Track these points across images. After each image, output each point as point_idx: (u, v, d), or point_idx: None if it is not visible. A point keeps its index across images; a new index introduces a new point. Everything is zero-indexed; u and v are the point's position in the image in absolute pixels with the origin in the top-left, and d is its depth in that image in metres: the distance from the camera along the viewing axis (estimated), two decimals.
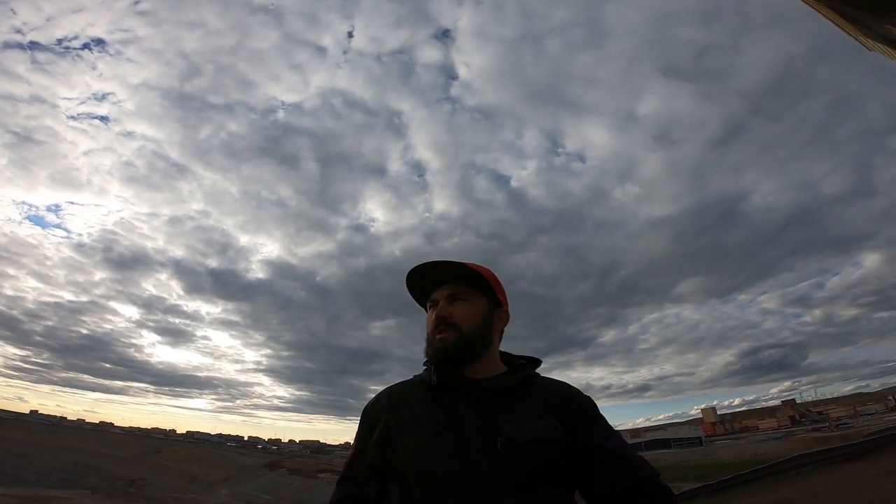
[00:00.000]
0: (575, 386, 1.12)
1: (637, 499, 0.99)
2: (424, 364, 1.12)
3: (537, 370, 1.14)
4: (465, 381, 1.05)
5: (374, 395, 1.16)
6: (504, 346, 1.19)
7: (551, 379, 1.13)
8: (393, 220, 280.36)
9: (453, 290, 1.11)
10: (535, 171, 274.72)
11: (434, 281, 1.14)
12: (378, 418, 1.08)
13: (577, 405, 1.07)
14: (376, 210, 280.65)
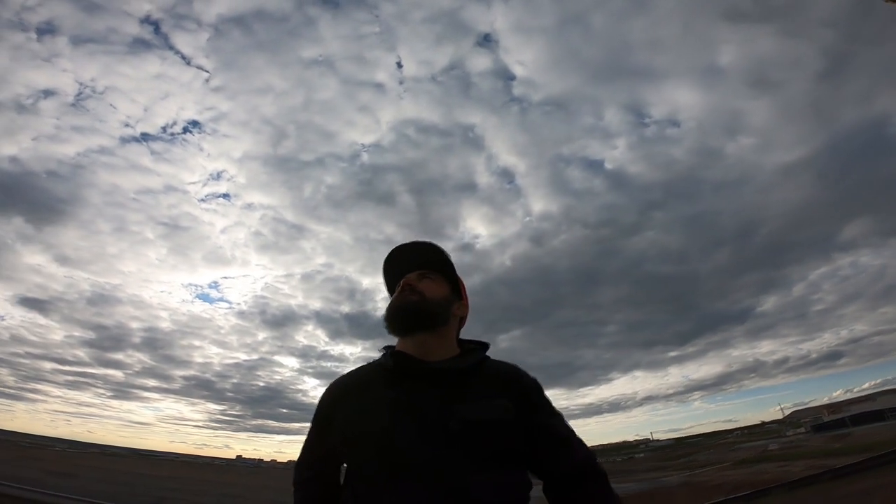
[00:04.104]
0: (522, 368, 1.17)
1: (578, 478, 1.07)
2: (381, 350, 1.19)
3: (487, 353, 1.18)
4: (421, 364, 1.08)
5: (335, 380, 1.19)
6: (644, 333, 1.38)
7: (500, 361, 1.17)
8: (496, 231, 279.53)
9: (423, 272, 1.22)
10: (627, 148, 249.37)
11: (406, 267, 1.24)
12: (336, 403, 1.11)
13: (526, 386, 1.12)
14: (477, 226, 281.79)
